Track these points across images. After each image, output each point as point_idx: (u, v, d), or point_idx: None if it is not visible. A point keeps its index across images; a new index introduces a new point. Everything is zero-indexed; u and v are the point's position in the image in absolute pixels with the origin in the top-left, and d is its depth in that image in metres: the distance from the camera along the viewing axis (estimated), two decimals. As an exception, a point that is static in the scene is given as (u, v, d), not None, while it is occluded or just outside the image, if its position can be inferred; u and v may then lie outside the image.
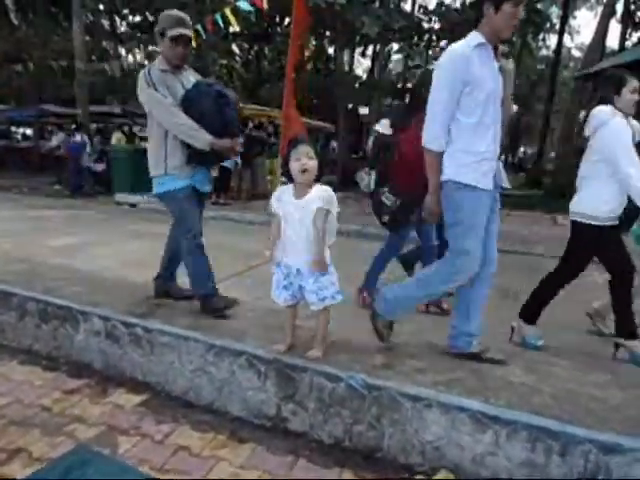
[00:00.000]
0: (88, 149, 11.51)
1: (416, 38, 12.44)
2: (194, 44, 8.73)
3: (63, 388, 2.87)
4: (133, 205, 9.33)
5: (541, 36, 31.36)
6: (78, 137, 11.44)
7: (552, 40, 31.85)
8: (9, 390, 2.81)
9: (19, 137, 21.49)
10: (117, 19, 22.96)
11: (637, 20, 20.83)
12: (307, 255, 2.46)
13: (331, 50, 23.69)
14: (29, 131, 22.55)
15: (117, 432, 2.44)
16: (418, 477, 2.21)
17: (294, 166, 2.41)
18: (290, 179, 2.48)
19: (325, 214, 2.41)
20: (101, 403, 2.72)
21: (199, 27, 8.41)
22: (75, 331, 3.20)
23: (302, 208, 2.43)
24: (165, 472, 2.16)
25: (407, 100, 4.10)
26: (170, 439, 2.41)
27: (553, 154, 27.58)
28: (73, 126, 12.16)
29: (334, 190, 2.53)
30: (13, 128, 21.20)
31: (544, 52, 34.97)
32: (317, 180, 2.48)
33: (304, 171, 2.40)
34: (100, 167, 11.32)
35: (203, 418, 2.63)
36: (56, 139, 12.95)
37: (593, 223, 2.93)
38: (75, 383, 2.95)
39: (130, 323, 3.02)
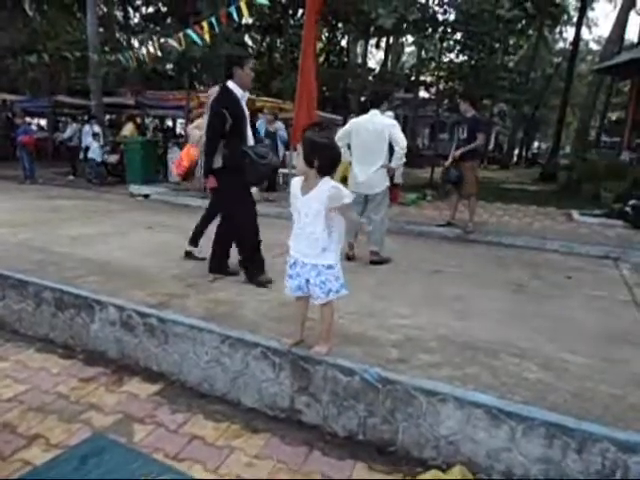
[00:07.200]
0: (101, 140, 11.58)
1: (430, 30, 12.25)
2: (207, 37, 8.72)
3: (79, 376, 2.91)
4: (146, 196, 9.38)
5: (558, 28, 30.87)
6: (95, 127, 11.55)
7: (569, 32, 31.39)
8: (27, 377, 2.86)
9: (34, 128, 21.68)
10: (130, 10, 23.02)
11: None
12: (308, 249, 2.46)
13: (344, 42, 23.55)
14: (43, 122, 22.74)
15: (133, 420, 2.47)
16: (431, 471, 2.20)
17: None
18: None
19: (329, 211, 2.40)
20: (117, 392, 2.75)
21: (213, 20, 8.40)
22: (91, 320, 3.24)
23: (305, 204, 2.45)
24: (180, 460, 2.18)
25: None
26: (185, 428, 2.43)
27: (568, 149, 27.24)
28: (86, 117, 12.21)
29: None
30: (28, 119, 21.41)
31: (561, 44, 34.43)
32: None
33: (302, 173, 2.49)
34: (114, 158, 11.38)
35: (217, 408, 2.65)
36: (70, 130, 13.03)
37: None
38: (91, 371, 2.98)
39: (145, 313, 3.04)
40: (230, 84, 3.73)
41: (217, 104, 3.70)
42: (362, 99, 16.13)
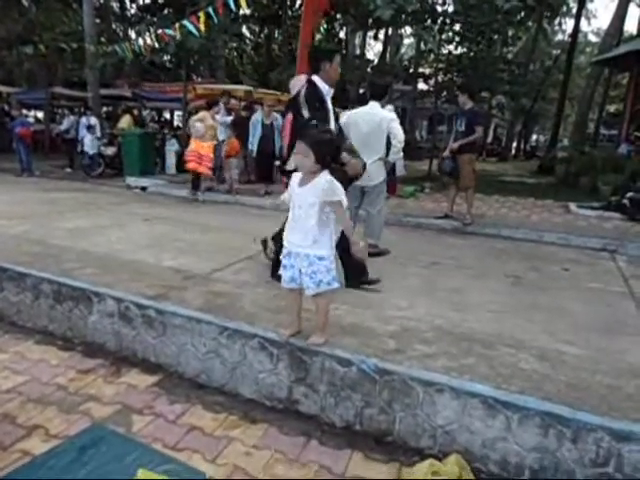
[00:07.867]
0: (98, 133, 11.53)
1: (429, 21, 12.17)
2: (203, 28, 8.69)
3: (78, 368, 2.92)
4: (143, 188, 9.36)
5: (557, 20, 30.73)
6: (92, 119, 11.50)
7: (568, 24, 31.26)
8: (26, 369, 2.87)
9: (31, 120, 21.56)
10: (126, 1, 22.84)
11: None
12: (301, 240, 2.47)
13: (342, 33, 23.43)
14: (40, 114, 22.61)
15: (131, 411, 2.48)
16: (428, 460, 2.22)
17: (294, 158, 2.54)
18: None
19: (323, 205, 2.40)
20: (115, 383, 2.77)
21: (210, 10, 8.34)
22: (89, 312, 3.25)
23: (300, 196, 2.47)
24: (178, 451, 2.20)
25: None
26: (183, 419, 2.45)
27: (566, 141, 27.22)
28: (83, 109, 12.14)
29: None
30: (24, 111, 21.29)
31: (560, 37, 34.29)
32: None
33: (299, 167, 2.50)
34: (111, 150, 11.34)
35: (215, 399, 2.67)
36: (67, 122, 12.97)
37: None
38: (90, 363, 3.00)
39: (143, 305, 3.05)
40: (316, 78, 3.57)
41: (311, 98, 3.48)
42: (360, 91, 16.07)
